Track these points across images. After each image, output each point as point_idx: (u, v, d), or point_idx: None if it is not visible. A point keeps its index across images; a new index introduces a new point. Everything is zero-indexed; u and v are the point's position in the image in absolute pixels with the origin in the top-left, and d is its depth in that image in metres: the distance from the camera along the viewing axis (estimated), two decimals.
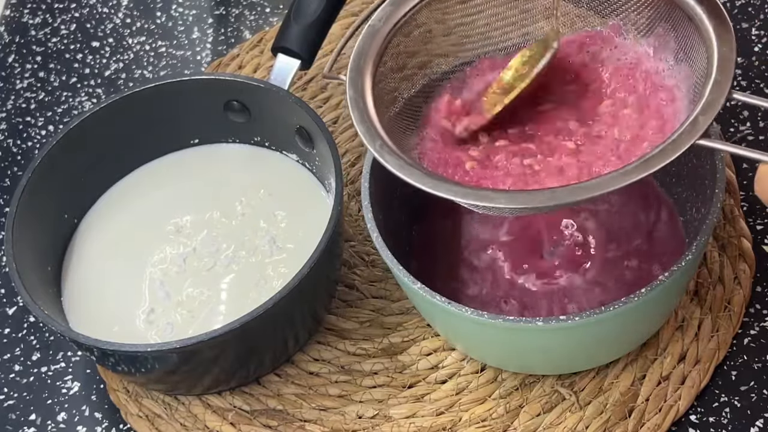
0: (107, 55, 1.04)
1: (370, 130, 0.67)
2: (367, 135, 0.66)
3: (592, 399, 0.74)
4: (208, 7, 1.06)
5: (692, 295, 0.78)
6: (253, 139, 0.87)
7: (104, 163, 0.85)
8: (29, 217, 0.79)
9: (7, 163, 0.97)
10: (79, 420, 0.81)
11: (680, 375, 0.75)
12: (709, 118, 0.60)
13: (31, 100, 1.01)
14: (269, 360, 0.78)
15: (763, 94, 0.89)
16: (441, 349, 0.79)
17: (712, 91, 0.61)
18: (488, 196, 0.63)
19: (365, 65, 0.70)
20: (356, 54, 0.70)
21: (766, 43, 0.92)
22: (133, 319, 0.79)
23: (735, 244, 0.80)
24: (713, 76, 0.62)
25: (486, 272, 0.78)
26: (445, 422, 0.75)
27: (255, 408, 0.78)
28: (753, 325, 0.77)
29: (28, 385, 0.83)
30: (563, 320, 0.66)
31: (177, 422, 0.78)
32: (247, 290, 0.79)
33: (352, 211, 0.87)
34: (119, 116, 0.84)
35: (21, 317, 0.87)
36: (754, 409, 0.73)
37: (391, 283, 0.83)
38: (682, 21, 0.67)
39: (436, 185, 0.63)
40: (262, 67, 0.98)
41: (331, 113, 0.94)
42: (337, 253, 0.79)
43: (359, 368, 0.79)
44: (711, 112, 0.60)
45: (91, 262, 0.83)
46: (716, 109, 0.60)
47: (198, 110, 0.85)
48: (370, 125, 0.67)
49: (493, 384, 0.77)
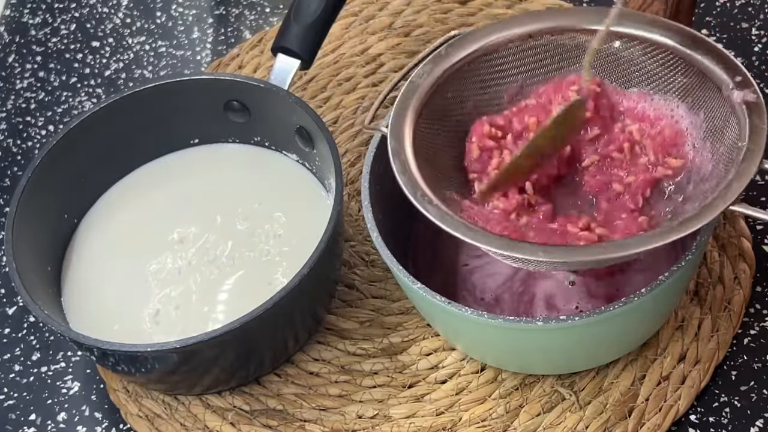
0: (107, 55, 1.04)
1: (411, 181, 0.68)
2: (408, 186, 0.68)
3: (592, 399, 0.74)
4: (208, 7, 1.06)
5: (692, 295, 0.78)
6: (253, 139, 0.87)
7: (104, 163, 0.85)
8: (29, 217, 0.79)
9: (7, 163, 0.97)
10: (79, 420, 0.81)
11: (680, 375, 0.75)
12: (742, 184, 0.63)
13: (31, 100, 1.01)
14: (269, 360, 0.78)
15: (764, 94, 0.89)
16: (441, 349, 0.79)
17: (745, 159, 0.64)
18: (525, 248, 0.65)
19: (405, 118, 0.72)
20: (398, 107, 0.72)
21: (766, 43, 0.92)
22: (133, 319, 0.79)
23: (735, 244, 0.80)
24: (745, 145, 0.65)
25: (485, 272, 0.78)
26: (445, 422, 0.75)
27: (255, 408, 0.78)
28: (753, 325, 0.77)
29: (28, 385, 0.83)
30: (563, 320, 0.67)
31: (177, 422, 0.78)
32: (247, 290, 0.79)
33: (352, 211, 0.87)
34: (119, 116, 0.84)
35: (21, 317, 0.87)
36: (754, 409, 0.73)
37: (391, 283, 0.83)
38: (712, 91, 0.69)
39: (475, 237, 0.65)
40: (262, 67, 0.98)
41: (331, 113, 0.94)
42: (337, 253, 0.79)
43: (359, 368, 0.79)
44: (744, 179, 0.63)
45: (91, 262, 0.83)
46: (749, 176, 0.63)
47: (198, 110, 0.85)
48: (411, 176, 0.69)
49: (493, 384, 0.77)
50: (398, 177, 0.69)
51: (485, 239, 0.65)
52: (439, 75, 0.73)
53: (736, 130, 0.67)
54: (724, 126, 0.68)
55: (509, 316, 0.68)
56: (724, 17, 0.95)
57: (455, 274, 0.79)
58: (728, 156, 0.67)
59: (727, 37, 0.93)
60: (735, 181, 0.64)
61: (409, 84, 0.73)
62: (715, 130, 0.69)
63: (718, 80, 0.68)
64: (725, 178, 0.64)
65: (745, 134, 0.66)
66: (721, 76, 0.68)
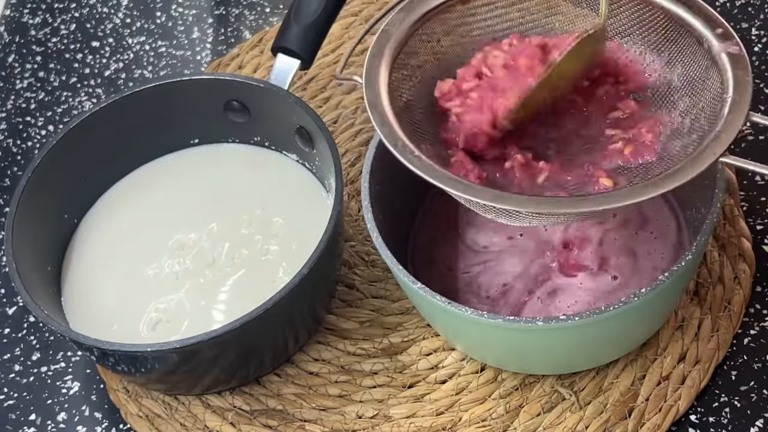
0: (107, 55, 1.04)
1: (392, 133, 0.67)
2: (389, 137, 0.67)
3: (592, 399, 0.74)
4: (208, 7, 1.06)
5: (692, 295, 0.78)
6: (253, 139, 0.87)
7: (104, 163, 0.85)
8: (29, 217, 0.79)
9: (7, 163, 0.97)
10: (79, 420, 0.81)
11: (680, 375, 0.75)
12: (731, 135, 0.62)
13: (31, 100, 1.01)
14: (269, 360, 0.78)
15: (764, 93, 0.89)
16: (441, 349, 0.79)
17: (731, 110, 0.63)
18: (510, 198, 0.64)
19: (379, 67, 0.70)
20: (370, 56, 0.71)
21: (766, 43, 0.92)
22: (133, 319, 0.79)
23: (735, 244, 0.80)
24: (730, 96, 0.63)
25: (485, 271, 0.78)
26: (445, 422, 0.75)
27: (255, 408, 0.78)
28: (753, 325, 0.77)
29: (28, 385, 0.83)
30: (563, 320, 0.66)
31: (177, 422, 0.78)
32: (247, 290, 0.79)
33: (352, 211, 0.87)
34: (119, 116, 0.84)
35: (21, 317, 0.87)
36: (754, 409, 0.73)
37: (391, 283, 0.83)
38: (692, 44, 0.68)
39: (459, 188, 0.64)
40: (262, 67, 0.98)
41: (331, 113, 0.94)
42: (337, 253, 0.79)
43: (359, 368, 0.79)
44: (732, 130, 0.62)
45: (91, 262, 0.83)
46: (737, 127, 0.62)
47: (198, 110, 0.85)
48: (391, 127, 0.67)
49: (493, 384, 0.77)
50: (377, 128, 0.67)
51: (471, 191, 0.64)
52: (412, 22, 0.72)
53: (718, 82, 0.65)
54: (704, 78, 0.67)
55: (509, 316, 0.68)
56: (724, 17, 0.93)
57: (455, 274, 0.79)
58: (711, 110, 0.66)
59: None
60: (723, 133, 0.62)
61: (382, 33, 0.71)
62: (694, 82, 0.68)
63: (698, 33, 0.67)
64: (711, 131, 0.63)
65: (728, 87, 0.64)
66: (701, 29, 0.67)
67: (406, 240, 0.80)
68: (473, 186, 0.65)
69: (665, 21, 0.70)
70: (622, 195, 0.62)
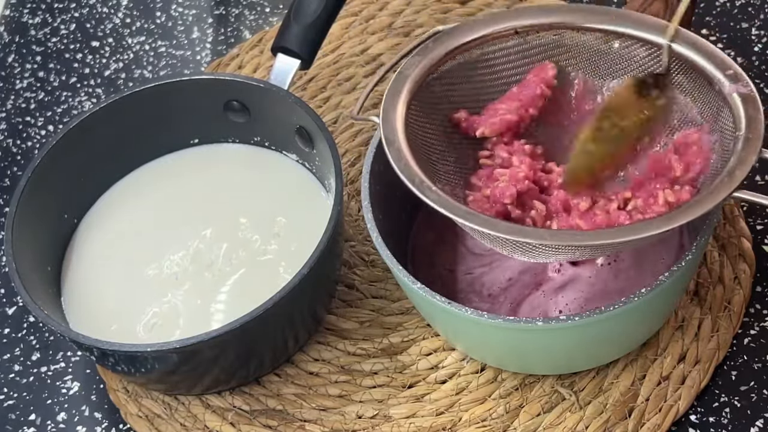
0: (107, 55, 1.04)
1: (408, 168, 0.68)
2: (406, 173, 0.68)
3: (592, 399, 0.74)
4: (208, 7, 1.06)
5: (692, 295, 0.78)
6: (253, 139, 0.87)
7: (104, 163, 0.85)
8: (29, 217, 0.79)
9: (7, 163, 0.97)
10: (79, 420, 0.81)
11: (680, 375, 0.75)
12: (744, 171, 0.64)
13: (31, 100, 1.01)
14: (269, 360, 0.78)
15: (764, 94, 0.89)
16: (441, 349, 0.79)
17: (744, 148, 0.65)
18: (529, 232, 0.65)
19: (396, 106, 0.71)
20: (387, 95, 0.72)
21: (766, 43, 0.92)
22: (133, 319, 0.79)
23: (735, 244, 0.80)
24: (743, 134, 0.65)
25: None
26: (445, 422, 0.75)
27: (255, 408, 0.78)
28: (753, 325, 0.77)
29: (27, 385, 0.83)
30: (563, 320, 0.67)
31: (177, 422, 0.78)
32: (247, 290, 0.79)
33: (352, 211, 0.87)
34: (119, 116, 0.84)
35: (21, 317, 0.87)
36: (754, 409, 0.73)
37: (391, 283, 0.83)
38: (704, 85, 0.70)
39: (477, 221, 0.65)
40: (262, 67, 0.98)
41: (331, 113, 0.94)
42: (337, 253, 0.79)
43: (359, 368, 0.79)
44: (745, 166, 0.64)
45: (91, 262, 0.83)
46: (750, 163, 0.64)
47: (198, 110, 0.85)
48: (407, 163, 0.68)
49: (493, 384, 0.77)
50: (394, 165, 0.68)
51: (487, 224, 0.65)
52: (428, 66, 0.73)
53: (730, 120, 0.67)
54: (716, 117, 0.69)
55: (509, 316, 0.68)
56: (724, 17, 0.95)
57: (455, 274, 0.79)
58: (722, 149, 0.67)
59: (727, 37, 0.93)
60: (737, 169, 0.64)
61: (398, 75, 0.72)
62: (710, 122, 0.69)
63: (710, 75, 0.69)
64: (724, 168, 0.65)
65: (740, 125, 0.66)
66: (712, 71, 0.69)
67: (406, 240, 0.80)
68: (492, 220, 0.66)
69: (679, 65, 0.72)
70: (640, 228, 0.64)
